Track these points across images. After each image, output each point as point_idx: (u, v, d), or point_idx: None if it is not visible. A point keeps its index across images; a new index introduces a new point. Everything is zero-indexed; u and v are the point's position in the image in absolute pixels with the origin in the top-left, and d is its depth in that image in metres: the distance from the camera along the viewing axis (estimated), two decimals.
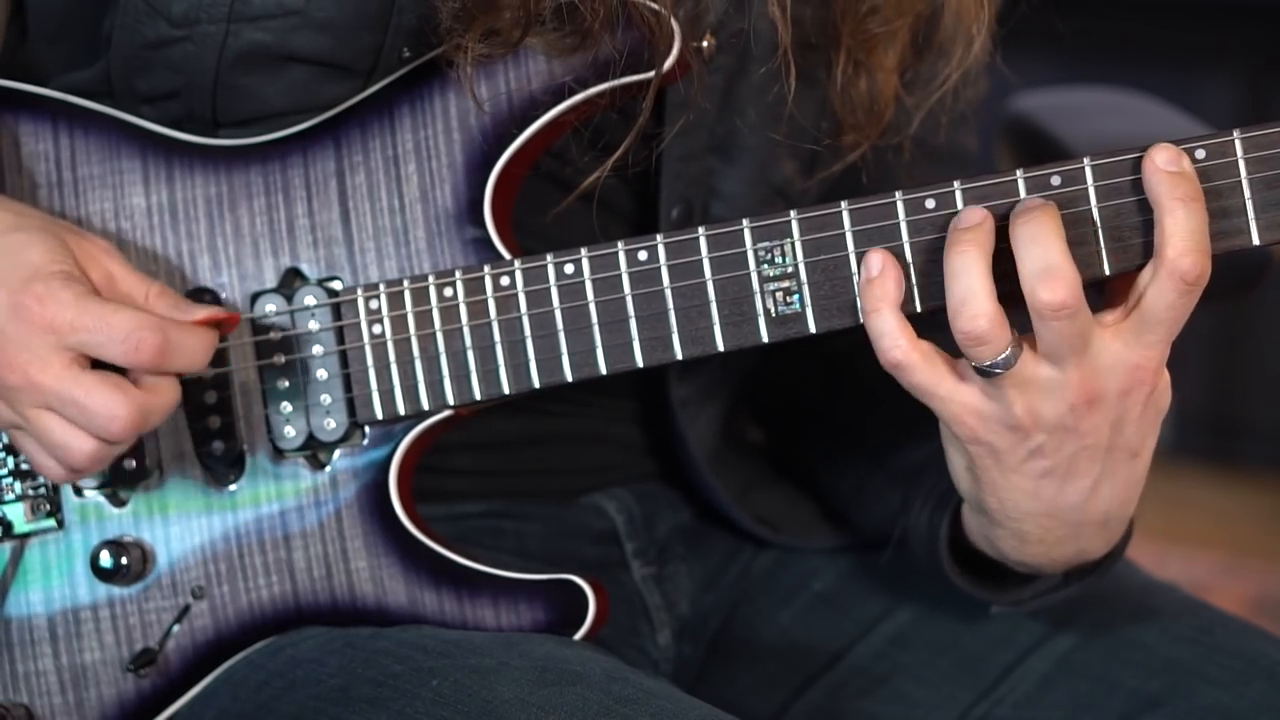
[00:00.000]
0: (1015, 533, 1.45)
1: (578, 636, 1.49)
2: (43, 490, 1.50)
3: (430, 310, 1.47)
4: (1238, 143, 1.38)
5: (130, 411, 1.38)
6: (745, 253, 1.43)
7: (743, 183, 1.60)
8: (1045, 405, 1.37)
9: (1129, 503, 1.45)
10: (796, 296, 1.43)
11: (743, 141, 1.60)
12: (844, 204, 1.42)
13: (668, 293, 1.44)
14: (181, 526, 1.50)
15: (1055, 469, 1.40)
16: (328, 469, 1.50)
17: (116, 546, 1.48)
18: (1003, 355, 1.35)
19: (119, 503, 1.50)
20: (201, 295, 1.50)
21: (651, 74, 1.46)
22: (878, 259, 1.39)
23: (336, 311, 1.49)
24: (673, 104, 1.55)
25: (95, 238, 1.46)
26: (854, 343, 1.47)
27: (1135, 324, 1.36)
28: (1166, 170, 1.36)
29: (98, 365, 1.40)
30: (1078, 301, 1.34)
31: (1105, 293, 1.41)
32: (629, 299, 1.45)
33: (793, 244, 1.42)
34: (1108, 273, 1.39)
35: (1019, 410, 1.37)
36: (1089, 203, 1.38)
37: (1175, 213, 1.35)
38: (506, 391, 1.47)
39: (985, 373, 1.36)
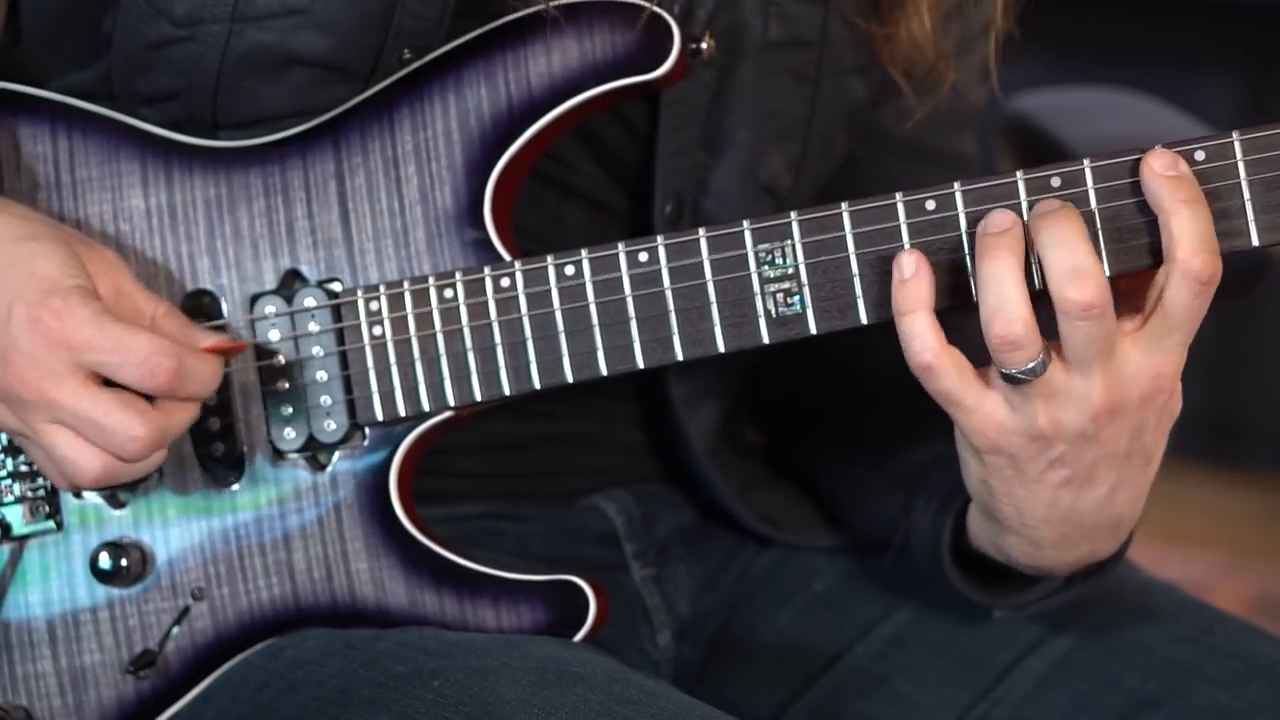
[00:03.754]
0: (1030, 539, 1.45)
1: (578, 637, 1.49)
2: (42, 492, 1.50)
3: (430, 312, 1.47)
4: (1237, 144, 1.38)
5: (148, 431, 1.38)
6: (746, 254, 1.43)
7: (731, 179, 1.61)
8: (1068, 415, 1.37)
9: (1139, 504, 1.45)
10: (797, 298, 1.43)
11: (732, 137, 1.60)
12: (844, 205, 1.42)
13: (668, 294, 1.44)
14: (181, 528, 1.50)
15: (1074, 478, 1.40)
16: (328, 470, 1.50)
17: (116, 548, 1.48)
18: (1034, 362, 1.35)
19: (118, 504, 1.50)
20: (201, 297, 1.50)
21: (650, 76, 1.47)
22: (911, 260, 1.38)
23: (336, 313, 1.49)
24: (667, 100, 1.55)
25: (104, 249, 1.46)
26: (854, 345, 1.47)
27: (1154, 330, 1.36)
28: (1165, 175, 1.36)
29: (106, 383, 1.40)
30: (1106, 302, 1.34)
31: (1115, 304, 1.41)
32: (629, 300, 1.45)
33: (793, 245, 1.42)
34: (1108, 273, 1.39)
35: (1043, 420, 1.37)
36: (1089, 204, 1.38)
37: (1180, 215, 1.35)
38: (507, 393, 1.47)
39: (1014, 380, 1.35)
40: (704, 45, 1.53)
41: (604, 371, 1.46)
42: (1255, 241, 1.38)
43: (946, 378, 1.37)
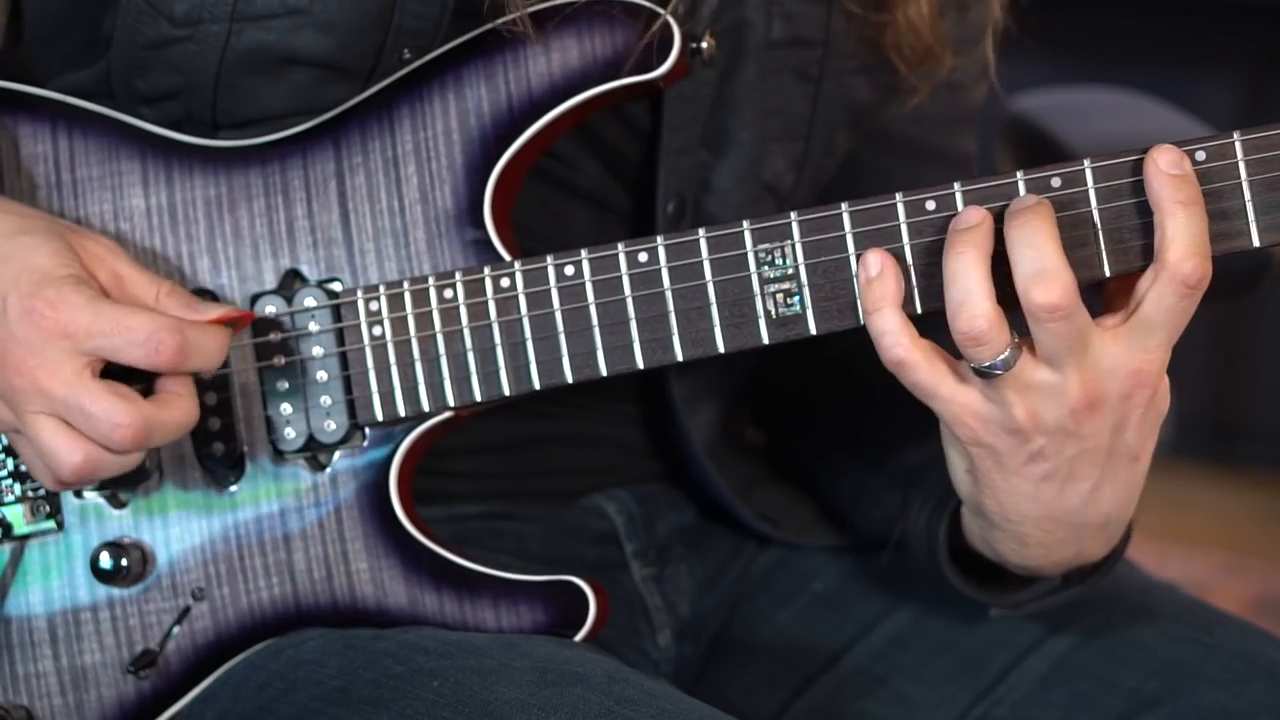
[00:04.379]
0: (1015, 535, 1.45)
1: (578, 637, 1.49)
2: (42, 492, 1.50)
3: (430, 312, 1.47)
4: (1238, 144, 1.38)
5: (134, 420, 1.38)
6: (746, 254, 1.43)
7: (732, 178, 1.61)
8: (1046, 408, 1.37)
9: (1129, 505, 1.45)
10: (797, 298, 1.43)
11: (735, 137, 1.60)
12: (844, 205, 1.42)
13: (668, 294, 1.44)
14: (181, 528, 1.50)
15: (1056, 472, 1.40)
16: (328, 470, 1.50)
17: (116, 548, 1.48)
18: (1001, 356, 1.35)
19: (118, 504, 1.50)
20: (201, 297, 1.49)
21: (650, 76, 1.47)
22: (876, 259, 1.39)
23: (336, 313, 1.49)
24: (669, 98, 1.55)
25: (99, 237, 1.46)
26: (854, 345, 1.47)
27: (1136, 328, 1.36)
28: (1169, 173, 1.36)
29: (109, 373, 1.40)
30: (1072, 303, 1.34)
31: (1105, 297, 1.41)
32: (629, 301, 1.45)
33: (793, 245, 1.42)
34: (1107, 274, 1.39)
35: (1019, 413, 1.37)
36: (1089, 204, 1.38)
37: (1176, 216, 1.35)
38: (507, 393, 1.47)
39: (984, 374, 1.36)
40: (704, 45, 1.53)
41: (604, 372, 1.46)
42: (1256, 242, 1.38)
43: (919, 371, 1.38)
